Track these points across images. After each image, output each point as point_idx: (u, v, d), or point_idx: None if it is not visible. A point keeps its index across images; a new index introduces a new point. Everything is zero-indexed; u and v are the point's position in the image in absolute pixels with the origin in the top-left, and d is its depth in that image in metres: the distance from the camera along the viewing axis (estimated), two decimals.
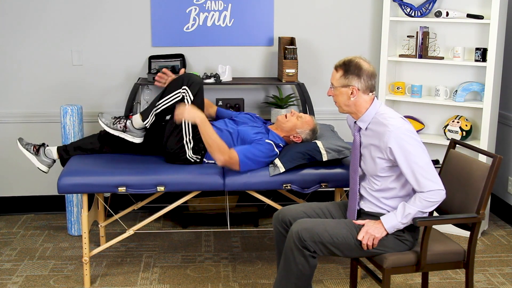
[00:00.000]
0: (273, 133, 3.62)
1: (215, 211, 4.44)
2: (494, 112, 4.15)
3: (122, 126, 3.55)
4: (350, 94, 2.84)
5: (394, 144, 2.71)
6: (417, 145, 2.73)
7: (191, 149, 3.51)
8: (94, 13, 4.44)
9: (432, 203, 2.74)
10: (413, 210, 2.74)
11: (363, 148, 2.91)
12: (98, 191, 3.41)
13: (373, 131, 2.84)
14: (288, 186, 3.45)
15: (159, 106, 3.49)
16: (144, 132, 3.59)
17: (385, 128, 2.75)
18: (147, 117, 3.51)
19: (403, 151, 2.71)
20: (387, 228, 2.77)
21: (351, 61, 2.85)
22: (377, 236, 2.77)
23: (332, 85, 2.89)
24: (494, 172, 2.80)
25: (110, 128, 3.56)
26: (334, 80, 2.87)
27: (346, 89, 2.84)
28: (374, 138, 2.82)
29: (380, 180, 2.86)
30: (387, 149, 2.74)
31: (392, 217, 2.78)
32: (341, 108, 2.90)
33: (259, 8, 4.53)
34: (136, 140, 3.57)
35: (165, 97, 3.48)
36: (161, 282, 3.59)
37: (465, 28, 4.24)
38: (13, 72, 4.47)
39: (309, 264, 2.80)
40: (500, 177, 4.58)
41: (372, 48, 4.66)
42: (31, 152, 3.67)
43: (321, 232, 2.79)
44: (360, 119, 2.88)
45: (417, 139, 2.75)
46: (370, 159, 2.86)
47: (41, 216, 4.62)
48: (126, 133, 3.56)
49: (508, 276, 3.68)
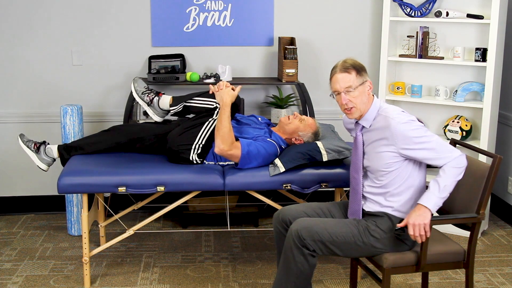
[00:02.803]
0: (275, 134, 3.63)
1: (215, 211, 4.44)
2: (494, 112, 4.15)
3: (149, 100, 3.57)
4: (369, 90, 2.87)
5: (404, 133, 2.74)
6: (423, 128, 2.80)
7: (196, 154, 3.51)
8: (94, 13, 4.44)
9: (461, 169, 2.75)
10: (448, 180, 2.72)
11: (366, 146, 2.91)
12: (98, 191, 3.41)
13: (377, 127, 2.85)
14: (288, 186, 3.45)
15: (192, 101, 3.51)
16: (166, 114, 3.60)
17: (390, 121, 2.77)
18: (176, 104, 3.53)
19: (414, 136, 2.75)
20: (430, 208, 2.70)
21: (352, 61, 2.87)
22: (426, 222, 2.69)
23: (348, 89, 2.82)
24: (494, 172, 2.80)
25: (138, 96, 3.60)
26: (351, 82, 2.81)
27: (364, 86, 2.85)
28: (379, 133, 2.83)
29: (384, 175, 2.85)
30: (398, 139, 2.75)
31: (430, 196, 2.72)
32: (359, 110, 2.85)
33: (259, 8, 4.53)
34: (157, 118, 3.62)
35: (202, 98, 3.51)
36: (161, 282, 3.59)
37: (465, 28, 4.24)
38: (13, 72, 4.47)
39: (309, 263, 2.80)
40: (500, 177, 4.58)
41: (372, 48, 4.66)
42: (32, 150, 3.67)
43: (320, 231, 2.79)
44: (364, 118, 2.89)
45: (421, 124, 2.82)
46: (374, 154, 2.85)
47: (41, 216, 4.62)
48: (150, 107, 3.59)
49: (508, 276, 3.68)
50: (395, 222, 2.83)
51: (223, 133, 3.36)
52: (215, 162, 3.58)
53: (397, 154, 2.79)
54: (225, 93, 3.46)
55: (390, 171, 2.83)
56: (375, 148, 2.85)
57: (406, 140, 2.75)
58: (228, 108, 3.43)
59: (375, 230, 2.84)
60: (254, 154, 3.42)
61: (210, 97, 3.54)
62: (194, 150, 3.50)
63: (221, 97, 3.46)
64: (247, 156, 3.40)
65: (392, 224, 2.84)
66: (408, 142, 2.75)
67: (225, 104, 3.43)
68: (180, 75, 4.32)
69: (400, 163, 2.82)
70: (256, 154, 3.42)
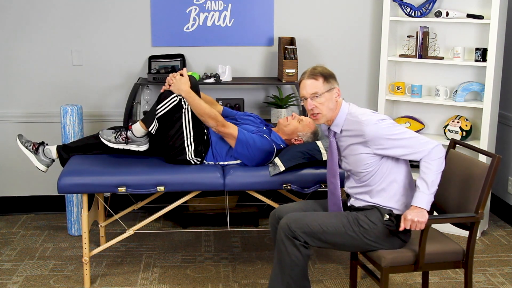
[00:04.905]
0: (275, 134, 3.64)
1: (215, 211, 4.44)
2: (494, 112, 4.15)
3: (124, 138, 3.56)
4: (336, 96, 2.91)
5: (376, 134, 2.78)
6: (395, 125, 2.83)
7: (192, 152, 3.51)
8: (94, 13, 4.44)
9: (441, 159, 2.77)
10: (432, 175, 2.74)
11: (343, 151, 2.95)
12: (98, 191, 3.41)
13: (348, 131, 2.89)
14: (288, 186, 3.45)
15: (158, 111, 3.49)
16: (148, 138, 3.60)
17: (361, 124, 2.82)
18: (151, 124, 3.50)
19: (387, 136, 2.78)
20: (424, 207, 2.73)
21: (321, 68, 2.94)
22: (423, 220, 2.71)
23: (314, 95, 2.88)
24: (493, 171, 2.80)
25: (113, 143, 3.58)
26: (318, 88, 2.88)
27: (331, 92, 2.89)
28: (353, 137, 2.87)
29: (365, 175, 2.89)
30: (371, 141, 2.79)
31: (420, 195, 2.74)
32: (325, 116, 2.91)
33: (259, 8, 4.53)
34: (142, 148, 3.61)
35: (162, 102, 3.49)
36: (161, 282, 3.59)
37: (465, 28, 4.24)
38: (13, 72, 4.47)
39: (302, 254, 2.83)
40: (500, 177, 4.58)
41: (372, 48, 4.66)
42: (30, 151, 3.67)
43: (310, 222, 2.83)
44: (334, 124, 2.94)
45: (392, 121, 2.85)
46: (352, 157, 2.90)
47: (41, 216, 4.62)
48: (130, 144, 3.58)
49: (508, 276, 3.68)
50: (383, 213, 2.86)
51: (204, 112, 3.43)
52: (215, 162, 3.59)
53: (373, 155, 2.83)
54: (179, 83, 3.47)
55: (369, 170, 2.87)
56: (352, 151, 2.89)
57: (379, 140, 2.79)
58: (191, 94, 3.46)
59: (364, 220, 2.87)
60: (250, 142, 3.46)
61: (168, 96, 3.50)
62: (188, 147, 3.50)
63: (178, 88, 3.47)
64: (244, 141, 3.44)
65: (381, 215, 2.86)
66: (381, 142, 2.79)
67: (186, 92, 3.46)
68: None
69: (378, 161, 2.86)
70: (252, 143, 3.46)
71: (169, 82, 3.51)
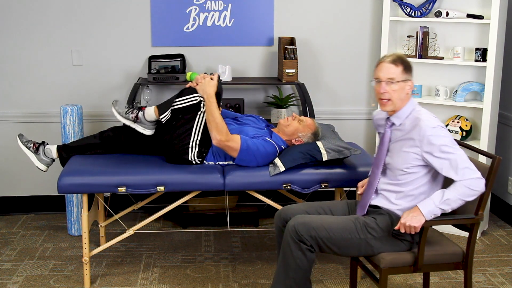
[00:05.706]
0: (276, 135, 3.63)
1: (215, 211, 4.44)
2: (494, 112, 4.15)
3: (134, 117, 3.55)
4: (409, 89, 2.87)
5: (430, 137, 2.74)
6: (451, 138, 2.78)
7: (195, 153, 3.51)
8: (94, 13, 4.44)
9: (474, 192, 2.71)
10: (453, 196, 2.70)
11: (392, 143, 2.92)
12: (98, 191, 3.41)
13: (406, 126, 2.85)
14: (288, 186, 3.45)
15: (176, 104, 3.49)
16: (155, 125, 3.58)
17: (421, 122, 2.77)
18: (164, 112, 3.50)
19: (438, 144, 2.73)
20: (425, 214, 2.71)
21: (404, 58, 2.88)
22: (417, 226, 2.71)
23: (390, 81, 2.83)
24: (493, 173, 2.80)
25: (122, 117, 3.56)
26: (395, 75, 2.82)
27: (405, 83, 2.85)
28: (407, 133, 2.83)
29: (403, 175, 2.85)
30: (422, 143, 2.75)
31: (429, 202, 2.73)
32: (393, 104, 2.86)
33: (259, 8, 4.53)
34: (147, 132, 3.58)
35: (183, 96, 3.49)
36: (161, 282, 3.59)
37: (465, 28, 4.24)
38: (13, 72, 4.47)
39: (307, 258, 2.82)
40: (500, 177, 4.58)
41: (372, 48, 4.66)
42: (31, 150, 3.67)
43: (317, 227, 2.81)
44: (396, 115, 2.89)
45: (449, 134, 2.80)
46: (399, 153, 2.86)
47: (41, 216, 4.62)
48: (137, 123, 3.56)
49: (508, 276, 3.68)
50: (394, 222, 2.84)
51: (216, 124, 3.39)
52: (215, 162, 3.58)
53: (420, 157, 2.80)
54: (206, 85, 3.45)
55: (409, 172, 2.84)
56: (401, 147, 2.86)
57: (430, 145, 2.75)
58: (213, 99, 3.44)
59: (373, 228, 2.85)
60: (253, 150, 3.43)
61: (190, 93, 3.50)
62: (192, 149, 3.50)
63: (203, 89, 3.46)
64: (246, 151, 3.42)
65: (391, 223, 2.85)
66: (432, 148, 2.75)
67: (210, 96, 3.44)
68: (180, 75, 4.32)
69: (421, 168, 2.82)
70: (255, 150, 3.43)
71: (197, 81, 3.50)
